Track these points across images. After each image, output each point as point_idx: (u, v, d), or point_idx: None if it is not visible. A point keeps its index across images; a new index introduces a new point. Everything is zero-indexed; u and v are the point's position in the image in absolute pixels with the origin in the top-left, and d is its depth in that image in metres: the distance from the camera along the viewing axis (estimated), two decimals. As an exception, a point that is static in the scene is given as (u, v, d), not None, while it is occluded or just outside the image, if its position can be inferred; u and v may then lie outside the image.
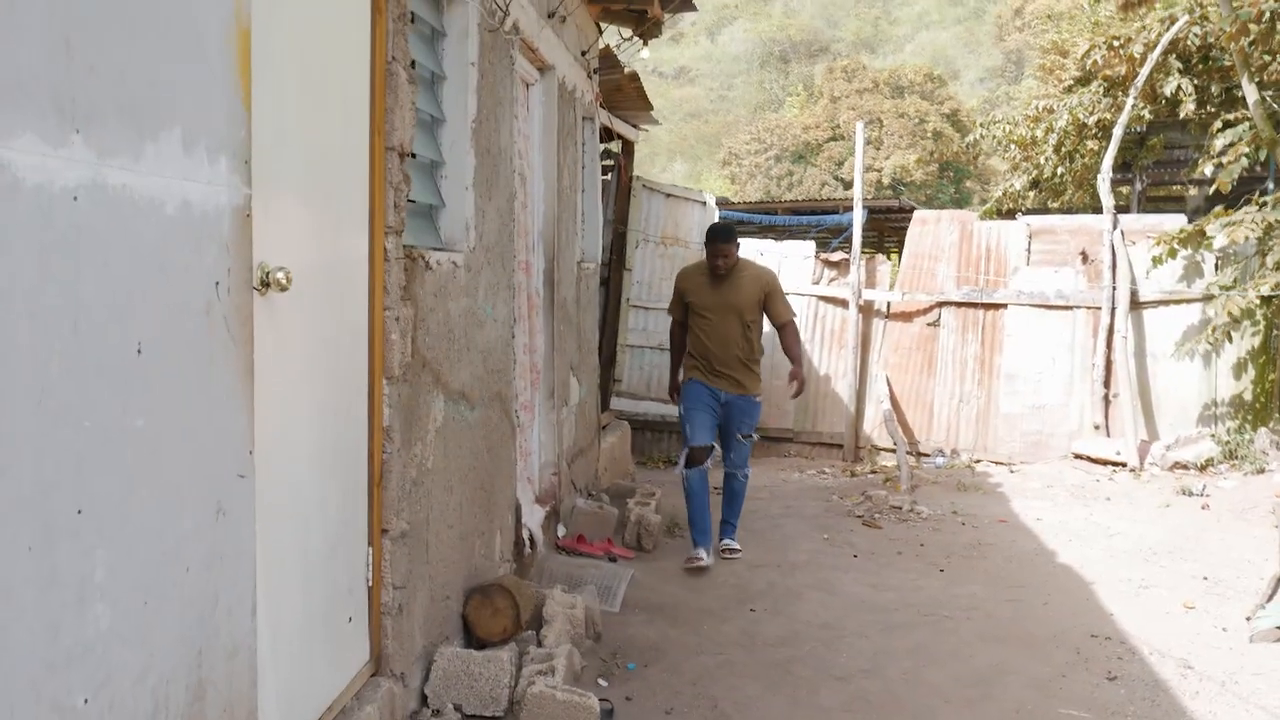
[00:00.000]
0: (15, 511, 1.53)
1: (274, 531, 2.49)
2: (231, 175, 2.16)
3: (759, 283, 6.10)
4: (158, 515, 1.89)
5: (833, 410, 10.81)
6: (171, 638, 1.94)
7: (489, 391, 4.47)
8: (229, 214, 2.15)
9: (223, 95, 2.12)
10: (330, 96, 2.85)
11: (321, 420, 2.80)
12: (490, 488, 4.50)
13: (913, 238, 10.82)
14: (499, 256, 4.60)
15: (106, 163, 1.73)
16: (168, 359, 1.92)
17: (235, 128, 2.17)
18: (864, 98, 34.45)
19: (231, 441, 2.17)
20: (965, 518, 7.38)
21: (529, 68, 5.61)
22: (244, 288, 2.23)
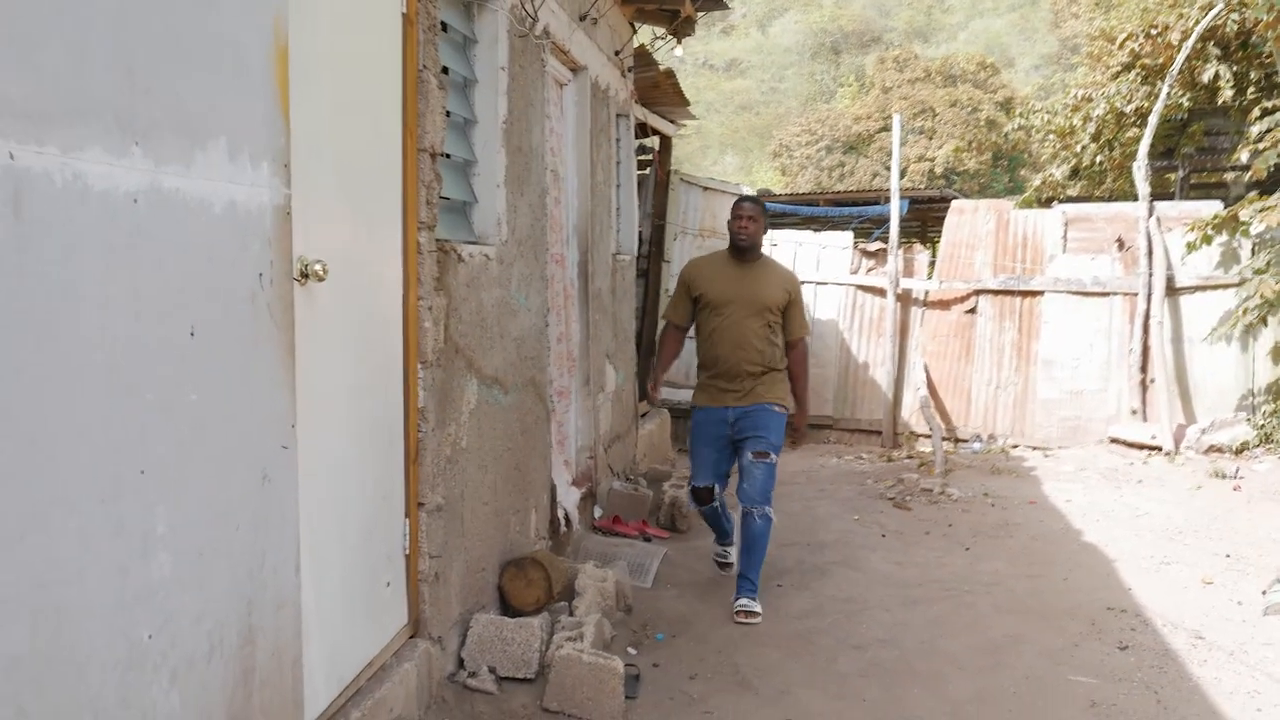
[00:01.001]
0: (91, 469, 1.79)
1: (315, 499, 2.75)
2: (273, 178, 2.42)
3: (784, 282, 5.22)
4: (210, 479, 2.15)
5: (871, 397, 10.96)
6: (224, 588, 2.20)
7: (522, 377, 4.71)
8: (270, 212, 2.41)
9: (264, 106, 2.38)
10: (364, 103, 3.10)
11: (359, 400, 3.06)
12: (525, 468, 4.75)
13: (950, 227, 10.94)
14: (531, 249, 4.85)
15: (162, 170, 1.99)
16: (217, 341, 2.17)
17: (275, 135, 2.43)
18: (916, 87, 34.25)
19: (275, 415, 2.43)
20: (995, 500, 7.53)
21: (561, 69, 5.85)
22: (285, 278, 2.48)
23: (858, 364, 11.05)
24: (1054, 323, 10.31)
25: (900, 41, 48.61)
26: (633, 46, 7.46)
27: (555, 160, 5.66)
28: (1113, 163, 12.60)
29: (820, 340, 11.10)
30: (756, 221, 5.15)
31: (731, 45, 57.88)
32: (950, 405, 10.70)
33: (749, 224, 5.14)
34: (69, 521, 1.75)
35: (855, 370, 11.04)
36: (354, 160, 3.04)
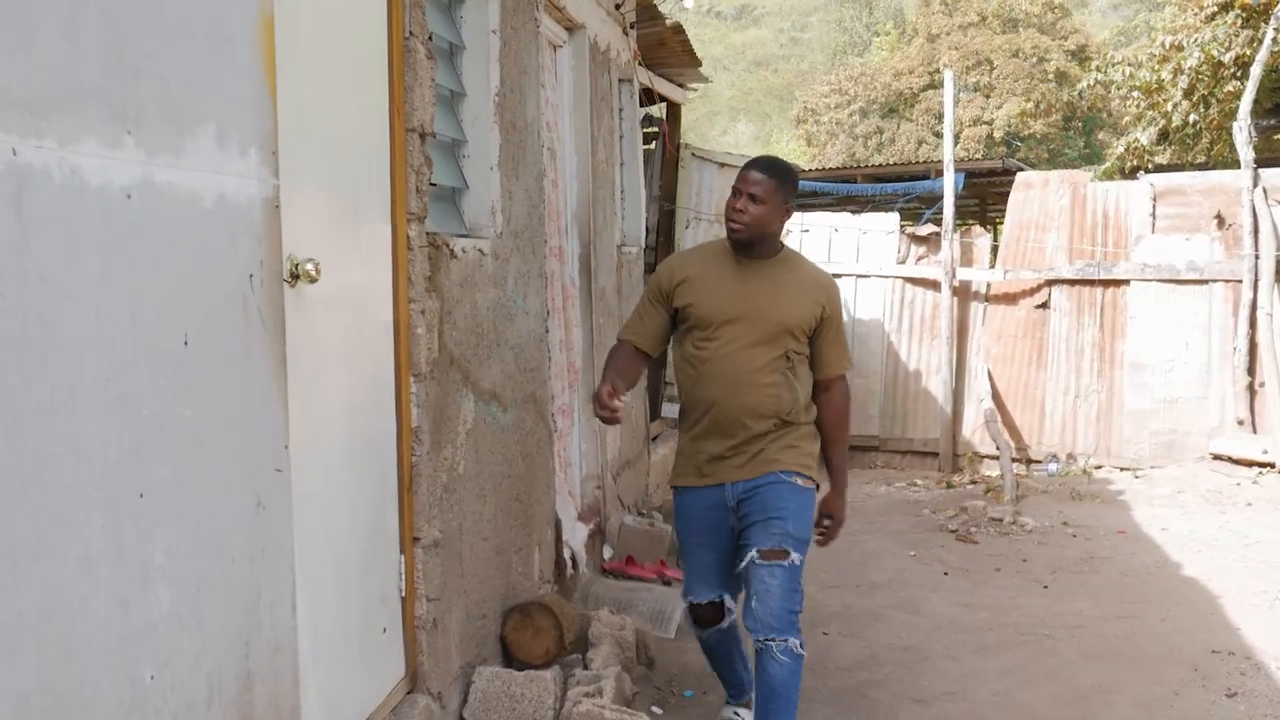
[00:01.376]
0: (90, 491, 2.00)
1: (309, 531, 2.96)
2: (260, 166, 2.63)
3: (816, 290, 4.15)
4: (205, 504, 2.36)
5: (925, 412, 11.19)
6: (221, 626, 2.41)
7: (522, 392, 4.93)
8: (259, 205, 2.62)
9: (250, 86, 2.59)
10: (348, 78, 3.33)
11: (352, 418, 3.28)
12: (526, 499, 4.96)
13: (1016, 205, 11.19)
14: (529, 242, 5.07)
15: (154, 161, 2.20)
16: (210, 351, 2.39)
17: (262, 118, 2.65)
18: (969, 35, 34.31)
19: (268, 434, 2.64)
20: (1077, 529, 7.76)
21: (555, 28, 6.08)
22: (275, 280, 2.70)
23: (908, 372, 11.29)
24: (1142, 317, 10.54)
25: (950, -22, 48.87)
26: None
27: (551, 136, 5.88)
28: (1209, 123, 12.87)
29: (862, 344, 11.33)
30: (765, 201, 4.00)
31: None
32: (1020, 420, 10.93)
33: (749, 206, 4.01)
34: (71, 547, 1.96)
35: (905, 380, 11.28)
36: (340, 143, 3.26)
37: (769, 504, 4.00)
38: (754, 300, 4.07)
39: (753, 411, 4.05)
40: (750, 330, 4.05)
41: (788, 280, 4.13)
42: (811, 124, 36.52)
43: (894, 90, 34.76)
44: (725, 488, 4.11)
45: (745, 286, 4.10)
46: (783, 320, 4.06)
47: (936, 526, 8.06)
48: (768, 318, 4.05)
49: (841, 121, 35.37)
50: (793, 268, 4.19)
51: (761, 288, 4.09)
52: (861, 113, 35.17)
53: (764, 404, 4.04)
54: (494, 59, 4.60)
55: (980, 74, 33.06)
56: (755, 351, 4.05)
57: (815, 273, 4.26)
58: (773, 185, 4.01)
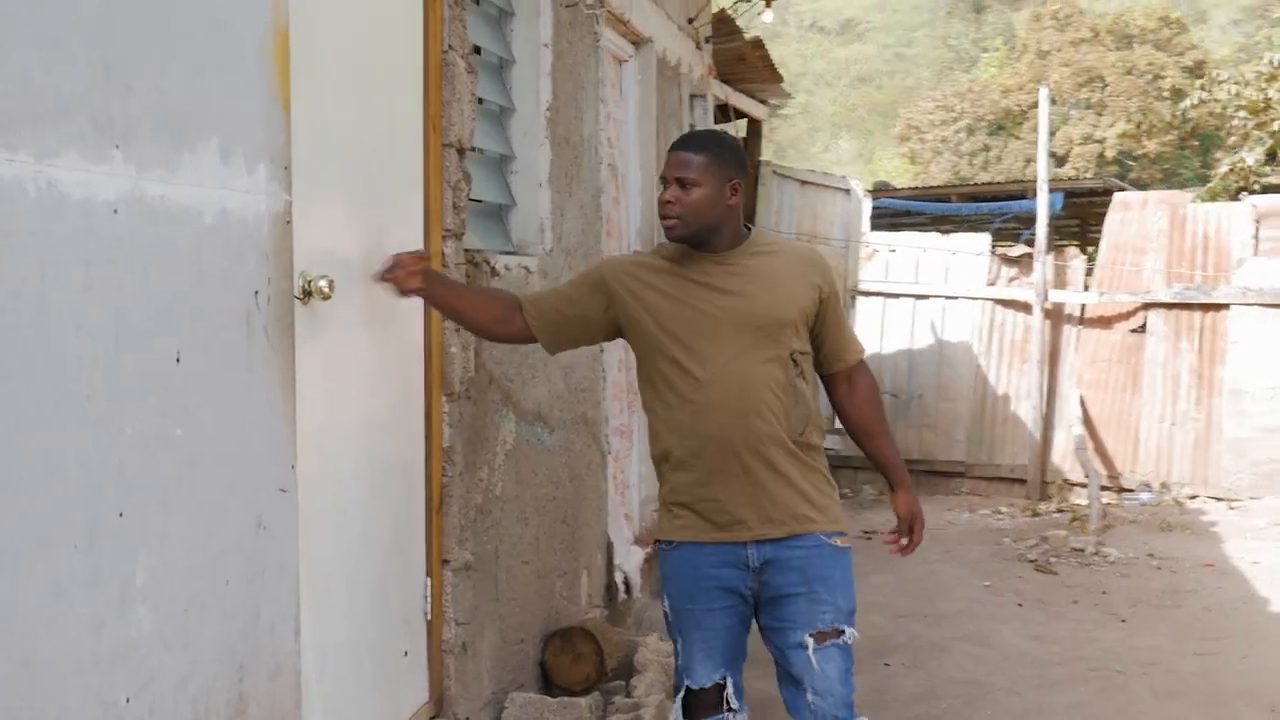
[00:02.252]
0: (64, 510, 2.00)
1: (318, 552, 2.96)
2: (270, 182, 2.63)
3: (808, 269, 3.42)
4: (198, 524, 2.35)
5: (1014, 437, 10.99)
6: (212, 648, 2.40)
7: (572, 413, 4.90)
8: (268, 222, 2.62)
9: (259, 101, 2.60)
10: (378, 91, 3.32)
11: (371, 437, 3.27)
12: (574, 521, 4.93)
13: (1112, 226, 10.97)
14: (583, 259, 5.04)
15: (145, 176, 2.21)
16: (206, 368, 2.38)
17: (273, 133, 2.65)
18: (1081, 51, 33.83)
19: (272, 454, 2.63)
20: (1162, 561, 7.56)
21: (620, 42, 6.06)
22: (285, 297, 2.69)
23: (996, 396, 11.09)
24: (1244, 343, 10.26)
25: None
26: (710, 13, 7.67)
27: (613, 152, 5.86)
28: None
29: (950, 368, 11.17)
30: (700, 184, 3.28)
31: (846, 2, 57.85)
32: (1113, 447, 10.68)
33: (680, 195, 3.29)
34: (39, 568, 1.95)
35: (993, 404, 11.09)
36: (366, 159, 3.26)
37: (810, 574, 3.29)
38: (735, 301, 3.30)
39: (766, 439, 3.26)
40: (741, 338, 3.28)
41: (769, 266, 3.35)
42: (915, 141, 36.17)
43: (1001, 107, 34.35)
44: (742, 548, 3.30)
45: (719, 288, 3.31)
46: (777, 314, 3.30)
47: (1015, 556, 7.89)
48: (758, 316, 3.29)
49: (947, 139, 34.99)
50: (769, 250, 3.41)
51: (739, 284, 3.31)
52: (968, 130, 34.76)
53: (779, 429, 3.28)
54: (545, 73, 4.59)
55: (1092, 91, 32.55)
56: (754, 362, 3.28)
57: (798, 249, 3.58)
58: (705, 161, 3.28)
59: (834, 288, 3.46)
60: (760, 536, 3.29)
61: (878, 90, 50.55)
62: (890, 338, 11.30)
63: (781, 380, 3.30)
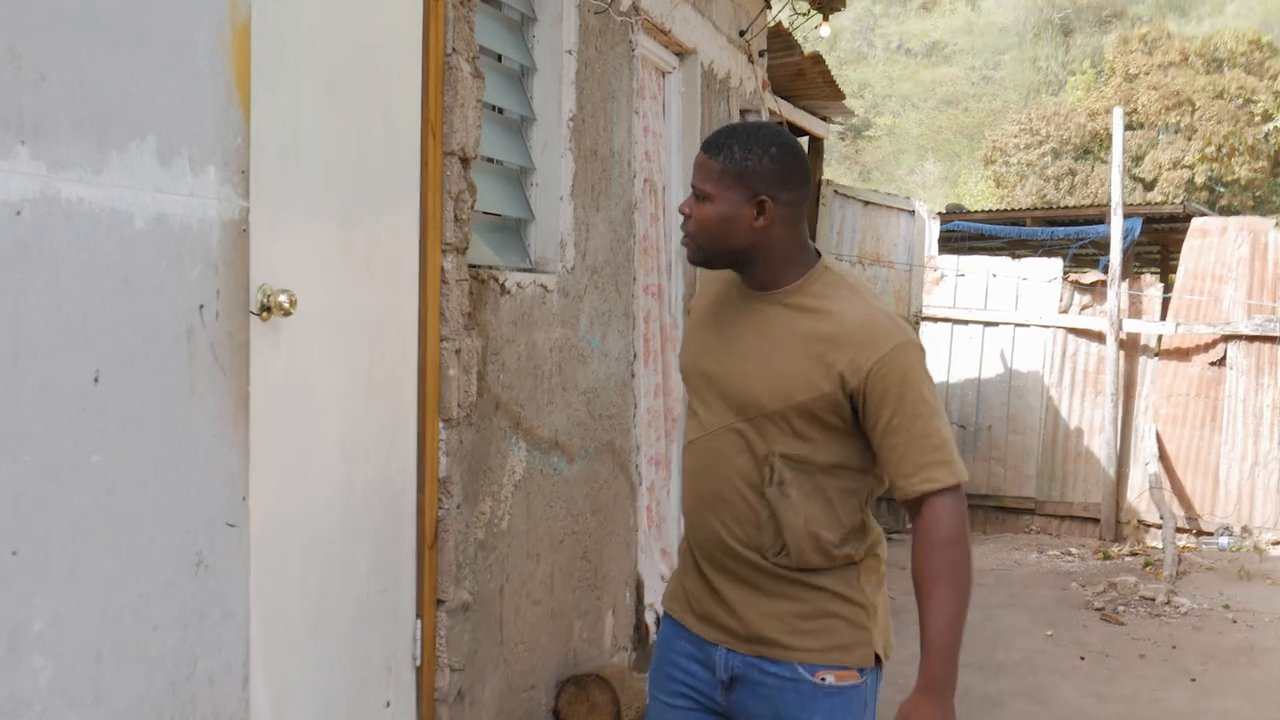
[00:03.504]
0: (-65, 549, 1.79)
1: (280, 592, 2.73)
2: (222, 186, 2.41)
3: (836, 345, 2.48)
4: (116, 562, 2.13)
5: (1086, 474, 10.62)
6: (133, 704, 2.17)
7: (596, 441, 4.66)
8: (218, 229, 2.40)
9: (211, 99, 2.38)
10: (366, 94, 3.11)
11: (350, 466, 3.04)
12: (597, 557, 4.68)
13: (1190, 253, 10.59)
14: (611, 278, 4.81)
15: (59, 175, 2.00)
16: (133, 389, 2.16)
17: (228, 134, 2.43)
18: (1170, 74, 33.45)
19: (218, 484, 2.41)
20: (1239, 614, 7.17)
21: (662, 53, 5.83)
22: (238, 311, 2.47)
23: (1068, 430, 10.73)
24: (1331, 379, 9.84)
25: (1150, 17, 47.61)
26: (764, 26, 7.42)
27: (651, 167, 5.63)
28: None
29: (1019, 398, 10.82)
30: (714, 198, 2.52)
31: (933, 25, 57.49)
32: (1191, 487, 10.28)
33: (694, 208, 2.56)
34: (-94, 614, 1.74)
35: (1065, 438, 10.73)
36: (349, 166, 3.04)
37: (780, 710, 2.56)
38: (733, 361, 2.58)
39: (723, 546, 2.56)
40: (726, 411, 2.57)
41: (789, 328, 2.53)
42: (1000, 164, 35.78)
43: (1088, 130, 33.96)
44: (712, 649, 2.62)
45: (730, 332, 2.62)
46: (756, 397, 2.51)
47: (1082, 603, 7.53)
48: (736, 392, 2.55)
49: (1032, 162, 34.59)
50: (813, 305, 2.53)
51: (747, 336, 2.58)
52: (1054, 153, 34.35)
53: (738, 536, 2.54)
54: (568, 81, 4.37)
55: (1180, 115, 32.08)
56: (730, 448, 2.55)
57: (852, 316, 2.49)
58: (720, 168, 2.51)
59: (886, 380, 2.44)
60: (730, 644, 2.60)
61: (964, 113, 50.20)
62: (958, 366, 10.98)
63: (754, 482, 2.53)
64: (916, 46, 55.87)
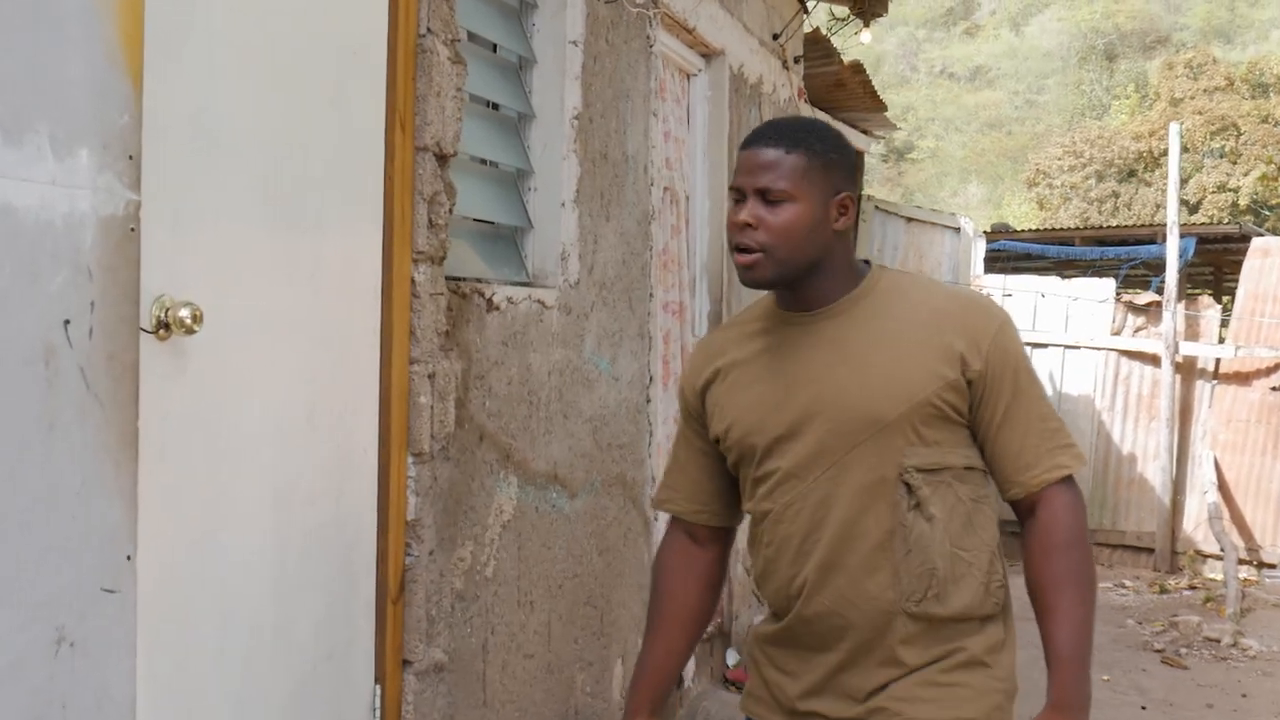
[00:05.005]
0: None
1: (180, 670, 2.23)
2: (100, 174, 1.93)
3: (946, 327, 2.18)
4: (-70, 647, 1.65)
5: (1141, 502, 10.05)
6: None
7: (603, 474, 4.16)
8: (93, 227, 1.93)
9: (85, 68, 1.91)
10: (310, 71, 2.61)
11: (283, 513, 2.53)
12: (604, 602, 4.17)
13: (1250, 274, 10.02)
14: (623, 295, 4.31)
15: None
16: (-44, 426, 1.68)
17: (110, 112, 1.95)
18: (1214, 99, 33.08)
19: (90, 541, 1.92)
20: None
21: (686, 53, 5.35)
22: (122, 328, 1.99)
23: (1120, 456, 10.16)
24: (1400, 406, 9.22)
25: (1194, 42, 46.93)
26: (800, 30, 6.92)
27: (672, 176, 5.14)
28: None
29: (1069, 423, 10.19)
30: (794, 197, 2.14)
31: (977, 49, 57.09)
32: (1252, 516, 9.67)
33: (762, 214, 2.15)
34: None
35: (1118, 465, 10.17)
36: (290, 156, 2.55)
37: None
38: (820, 386, 2.19)
39: (863, 601, 2.17)
40: (826, 451, 2.17)
41: (879, 328, 2.19)
42: (1044, 186, 35.35)
43: (1132, 153, 33.57)
44: None
45: (801, 365, 2.21)
46: (872, 409, 2.14)
47: (1140, 643, 6.97)
48: (843, 417, 2.16)
49: (1075, 185, 34.12)
50: (890, 300, 2.22)
51: (828, 360, 2.19)
52: (1098, 176, 33.91)
53: (876, 586, 2.16)
54: (572, 76, 3.88)
55: (1226, 139, 31.59)
56: (843, 485, 2.17)
57: (943, 295, 2.27)
58: (802, 163, 2.14)
59: (1004, 360, 2.16)
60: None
61: (1007, 136, 49.85)
62: (1004, 390, 10.42)
63: (883, 518, 2.16)
64: (960, 71, 55.57)
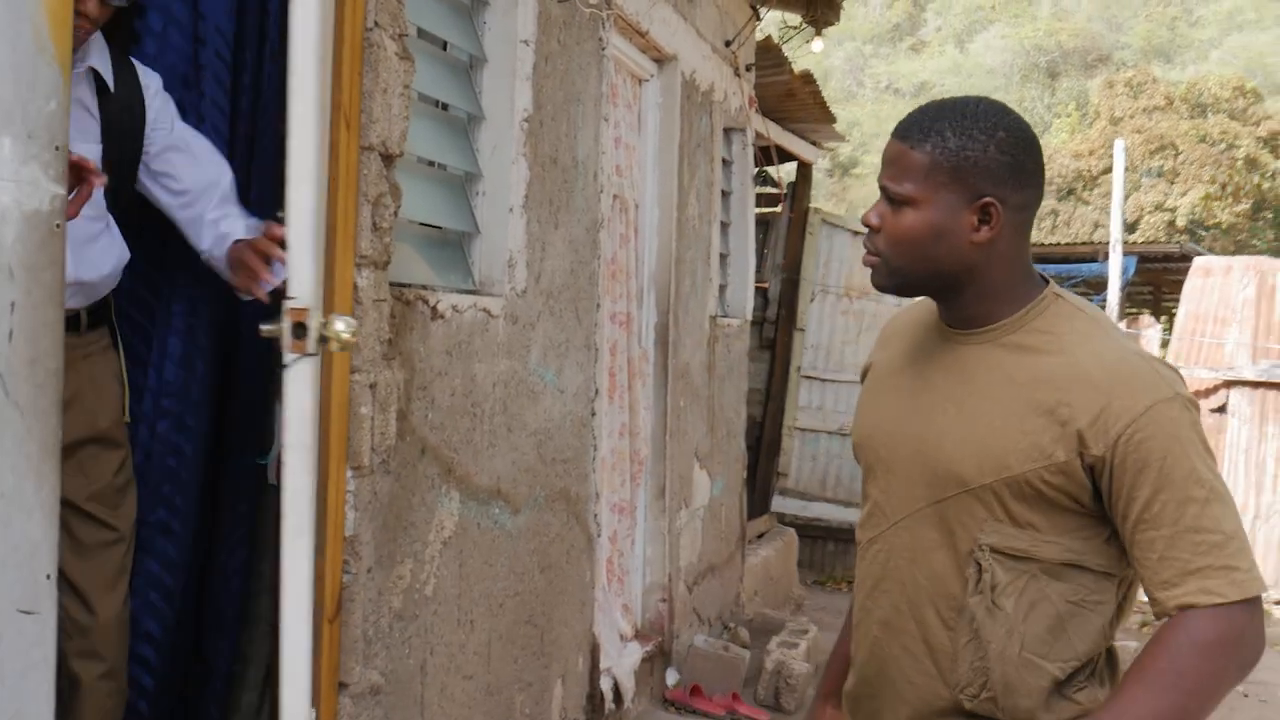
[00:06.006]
0: None
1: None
2: (23, 166, 1.82)
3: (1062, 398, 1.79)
4: None
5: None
6: None
7: (547, 489, 4.05)
8: (15, 223, 1.81)
9: (8, 51, 1.80)
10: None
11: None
12: (545, 621, 4.07)
13: (1192, 293, 10.10)
14: (570, 304, 4.21)
15: None
16: None
17: (32, 95, 1.83)
18: (1154, 118, 33.51)
19: (8, 560, 1.80)
20: (1251, 686, 6.57)
21: (639, 58, 5.26)
22: (46, 332, 1.87)
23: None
24: (1339, 429, 9.32)
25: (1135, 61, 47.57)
26: (752, 37, 6.85)
27: (622, 183, 5.05)
28: None
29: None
30: (918, 201, 1.87)
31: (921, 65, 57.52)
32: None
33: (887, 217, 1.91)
34: None
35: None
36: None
37: None
38: (918, 417, 1.95)
39: (917, 675, 1.93)
40: (905, 488, 1.95)
41: (1006, 373, 1.87)
42: (985, 202, 35.70)
43: (1072, 171, 33.98)
44: None
45: (926, 389, 1.97)
46: (952, 466, 1.87)
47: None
48: (927, 460, 1.91)
49: (1016, 202, 34.51)
50: (1038, 341, 1.87)
51: (943, 387, 1.94)
52: (1038, 194, 34.33)
53: (930, 666, 1.91)
54: (523, 76, 3.77)
55: (1164, 159, 32.02)
56: (923, 543, 1.91)
57: (1093, 357, 1.82)
58: (927, 161, 1.87)
59: (1144, 449, 1.74)
60: None
61: (950, 153, 50.33)
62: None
63: (949, 591, 1.88)
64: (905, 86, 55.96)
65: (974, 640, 1.84)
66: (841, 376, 9.70)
